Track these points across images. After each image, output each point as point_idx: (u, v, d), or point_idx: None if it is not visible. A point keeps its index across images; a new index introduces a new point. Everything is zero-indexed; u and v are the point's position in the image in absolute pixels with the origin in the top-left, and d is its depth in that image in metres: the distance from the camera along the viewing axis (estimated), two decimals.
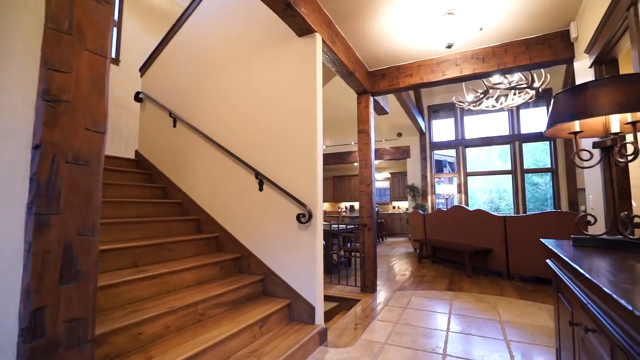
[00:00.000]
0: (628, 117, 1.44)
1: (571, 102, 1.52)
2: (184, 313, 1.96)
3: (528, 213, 6.02)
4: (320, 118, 2.70)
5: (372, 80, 4.02)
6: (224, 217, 2.95)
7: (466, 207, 5.20)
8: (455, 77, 3.60)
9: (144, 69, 3.73)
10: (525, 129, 8.68)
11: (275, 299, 2.54)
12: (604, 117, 1.57)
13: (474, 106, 6.23)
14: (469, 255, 4.59)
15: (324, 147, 11.09)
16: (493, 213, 4.64)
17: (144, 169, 3.57)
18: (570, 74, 7.91)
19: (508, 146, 8.90)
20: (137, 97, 3.66)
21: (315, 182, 2.52)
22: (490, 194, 21.91)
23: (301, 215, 2.46)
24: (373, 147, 4.03)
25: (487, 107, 6.25)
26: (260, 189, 2.75)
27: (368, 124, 3.95)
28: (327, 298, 3.82)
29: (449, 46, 2.91)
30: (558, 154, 8.17)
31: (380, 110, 4.85)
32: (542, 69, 5.53)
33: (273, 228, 2.66)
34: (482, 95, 5.77)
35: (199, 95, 3.30)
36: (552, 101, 1.66)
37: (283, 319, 2.45)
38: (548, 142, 8.41)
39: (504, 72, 3.45)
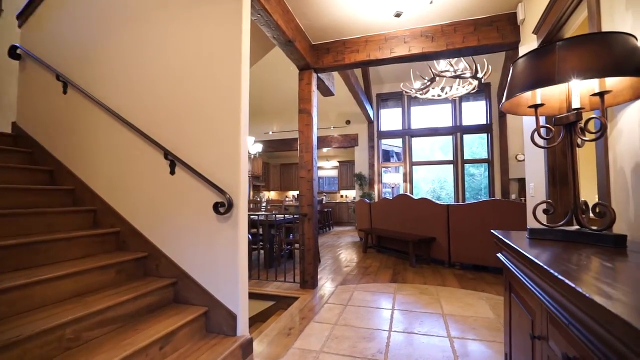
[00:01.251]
0: (595, 87, 1.21)
1: (535, 67, 1.26)
2: (42, 342, 1.41)
3: (468, 202, 6.12)
4: (246, 90, 2.24)
5: (315, 54, 3.62)
6: (127, 207, 2.37)
7: (411, 195, 5.12)
8: (404, 56, 3.34)
9: (23, 15, 2.89)
10: (467, 121, 8.99)
11: (189, 308, 2.07)
12: (566, 89, 1.34)
13: (420, 94, 6.16)
14: (412, 245, 4.49)
15: (270, 132, 10.53)
16: (437, 202, 4.58)
17: (23, 146, 2.80)
18: (507, 70, 8.30)
19: (450, 138, 9.17)
20: (13, 53, 2.83)
21: (237, 166, 2.08)
22: (433, 184, 23.08)
23: (219, 205, 2.01)
24: (315, 129, 3.66)
25: (432, 96, 6.22)
26: (172, 172, 2.23)
27: (310, 103, 3.56)
28: (262, 297, 3.42)
29: (398, 15, 2.61)
30: (494, 146, 8.59)
31: (325, 91, 4.49)
32: (484, 60, 5.60)
33: (187, 220, 2.16)
34: (429, 83, 5.69)
35: (98, 55, 2.62)
36: (510, 70, 1.40)
37: (197, 332, 2.00)
38: (485, 134, 8.80)
39: (453, 53, 3.26)
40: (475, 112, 9.35)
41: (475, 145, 11.18)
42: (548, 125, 1.39)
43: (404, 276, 3.99)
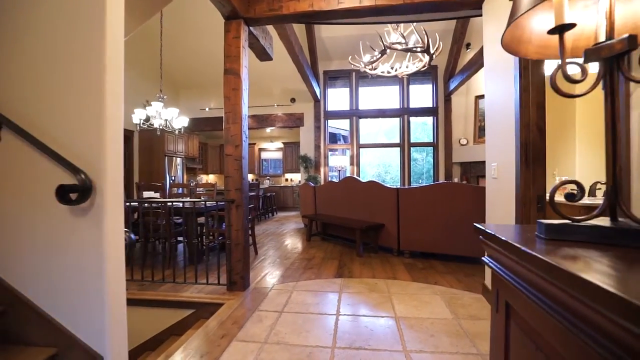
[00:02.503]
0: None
1: None
2: None
3: (418, 185, 5.88)
4: (119, 25, 1.48)
5: (245, 0, 2.87)
6: None
7: (359, 178, 4.69)
8: (354, 9, 2.76)
9: None
10: (414, 103, 8.85)
11: (27, 351, 1.32)
12: (608, 8, 0.86)
13: (370, 69, 5.70)
14: (360, 233, 4.07)
15: (207, 109, 9.41)
16: (386, 185, 4.20)
17: None
18: (453, 54, 8.26)
19: (396, 123, 8.97)
20: None
21: (101, 133, 1.34)
22: (378, 168, 23.50)
23: (68, 189, 1.26)
24: (246, 96, 2.96)
25: (382, 72, 5.80)
26: None
27: (239, 62, 2.84)
28: (178, 305, 2.72)
29: None
30: (439, 130, 8.59)
31: (261, 53, 3.76)
32: (437, 35, 5.27)
33: (19, 214, 1.38)
34: (379, 56, 5.24)
35: None
36: None
37: None
38: (431, 117, 8.75)
39: (410, 8, 2.75)
40: (422, 95, 9.26)
41: (419, 131, 11.21)
42: (576, 62, 0.90)
43: (350, 268, 3.55)
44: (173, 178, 8.13)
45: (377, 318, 2.27)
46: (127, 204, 3.34)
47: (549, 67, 2.52)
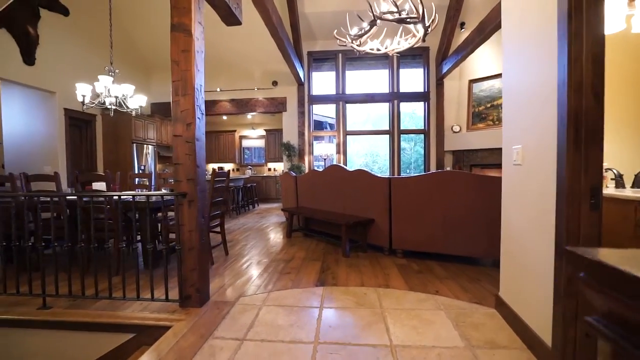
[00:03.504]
0: None
1: None
2: None
3: (412, 174, 5.39)
4: None
5: None
6: None
7: (345, 167, 4.12)
8: None
9: None
10: (404, 88, 8.29)
11: None
12: None
13: (357, 44, 5.09)
14: (346, 229, 3.53)
15: None
16: (376, 174, 3.65)
17: None
18: (446, 34, 7.70)
19: (386, 108, 8.41)
20: None
21: None
22: (366, 158, 23.03)
23: None
24: (200, 60, 2.33)
25: (371, 49, 5.20)
26: None
27: (190, 15, 2.19)
28: (116, 328, 2.12)
29: None
30: (430, 116, 8.08)
31: (227, 15, 3.08)
32: (432, 4, 4.70)
33: None
34: (368, 27, 4.63)
35: None
36: None
37: None
38: (423, 103, 8.23)
39: None
40: (413, 80, 8.71)
41: (407, 120, 10.71)
42: None
43: (335, 273, 3.01)
44: (142, 167, 7.39)
45: (367, 348, 1.74)
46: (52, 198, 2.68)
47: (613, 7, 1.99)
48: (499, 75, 7.03)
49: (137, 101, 4.00)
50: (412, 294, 2.47)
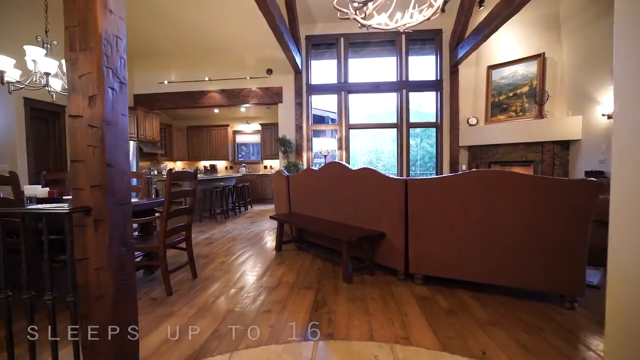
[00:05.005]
0: None
1: None
2: None
3: (442, 175, 4.52)
4: None
5: None
6: None
7: (347, 165, 3.28)
8: None
9: None
10: (414, 77, 7.41)
11: None
12: None
13: (362, 17, 4.24)
14: (349, 247, 2.70)
15: (166, 82, 7.79)
16: (388, 174, 2.80)
17: None
18: (463, 13, 6.81)
19: (393, 100, 7.54)
20: None
21: None
22: (369, 155, 22.09)
23: None
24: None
25: (378, 24, 4.34)
26: None
27: None
28: None
29: None
30: (444, 108, 7.20)
31: None
32: None
33: None
34: None
35: None
36: None
37: None
38: (435, 92, 7.35)
39: None
40: (423, 68, 7.83)
41: (412, 115, 9.83)
42: None
43: (332, 310, 2.18)
44: None
45: None
46: None
47: None
48: (522, 60, 6.15)
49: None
50: (449, 357, 1.64)
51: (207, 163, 9.80)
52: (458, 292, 2.45)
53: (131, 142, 7.02)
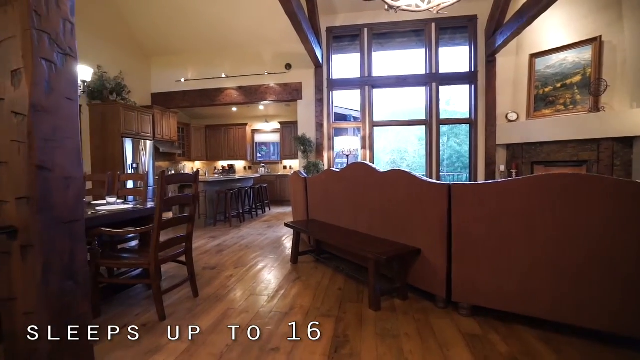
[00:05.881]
0: None
1: None
2: None
3: (495, 180, 3.91)
4: None
5: None
6: None
7: (374, 166, 2.78)
8: None
9: None
10: (445, 69, 6.77)
11: None
12: None
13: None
14: (376, 267, 2.21)
15: (183, 80, 7.56)
16: (424, 178, 2.29)
17: None
18: None
19: (418, 98, 6.94)
20: None
21: None
22: (392, 155, 21.28)
23: None
24: None
25: (408, 5, 3.83)
26: None
27: None
28: None
29: None
30: (479, 102, 6.52)
31: None
32: None
33: None
34: None
35: None
36: None
37: None
38: (468, 85, 6.68)
39: None
40: (455, 59, 7.17)
41: (441, 113, 9.10)
42: None
43: (356, 352, 1.71)
44: (135, 166, 6.40)
45: None
46: None
47: None
48: (572, 46, 5.39)
49: (80, 75, 2.87)
50: None
51: (225, 163, 9.56)
52: (519, 331, 1.90)
53: (147, 142, 6.84)
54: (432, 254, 2.22)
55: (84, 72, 2.90)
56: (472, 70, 6.52)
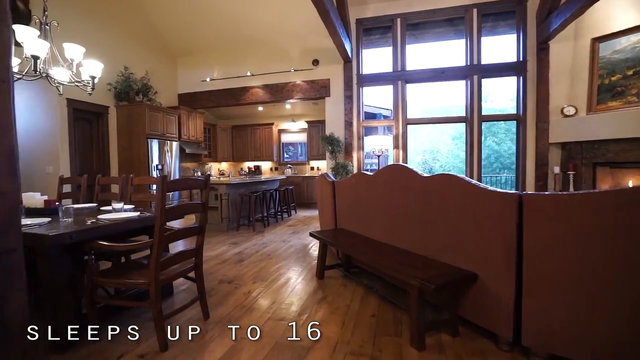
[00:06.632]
0: None
1: None
2: None
3: (581, 191, 3.46)
4: None
5: None
6: None
7: (414, 169, 2.32)
8: None
9: None
10: (487, 59, 6.11)
11: None
12: None
13: None
14: (420, 295, 1.77)
15: (208, 79, 7.43)
16: (484, 185, 1.81)
17: None
18: None
19: (460, 89, 6.32)
20: None
21: None
22: (424, 155, 20.27)
23: None
24: None
25: None
26: None
27: None
28: None
29: None
30: (528, 94, 5.80)
31: None
32: None
33: None
34: None
35: None
36: None
37: None
38: (516, 77, 5.97)
39: None
40: (498, 51, 6.47)
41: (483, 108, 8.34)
42: None
43: None
44: (160, 167, 6.31)
45: None
46: None
47: None
48: None
49: (88, 69, 2.63)
50: None
51: (251, 164, 9.38)
52: None
53: (173, 143, 6.75)
54: (494, 282, 1.74)
55: (94, 67, 2.66)
56: (521, 59, 5.81)
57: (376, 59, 6.88)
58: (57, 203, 2.59)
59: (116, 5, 5.90)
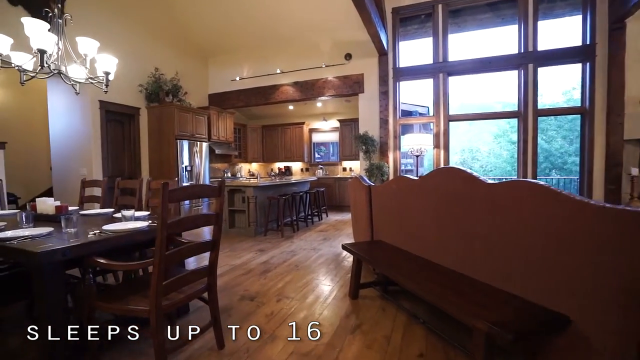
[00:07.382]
0: None
1: None
2: None
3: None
4: None
5: None
6: None
7: (474, 173, 1.85)
8: None
9: None
10: (545, 45, 5.36)
11: None
12: None
13: None
14: (488, 341, 1.32)
15: (237, 79, 7.27)
16: (579, 196, 1.33)
17: None
18: None
19: (512, 80, 5.61)
20: None
21: None
22: (462, 154, 19.01)
23: None
24: None
25: None
26: None
27: None
28: None
29: None
30: (596, 84, 5.00)
31: None
32: None
33: None
34: None
35: None
36: None
37: None
38: (581, 65, 5.18)
39: None
40: (559, 35, 5.67)
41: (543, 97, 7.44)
42: None
43: None
44: (189, 168, 6.22)
45: None
46: None
47: None
48: None
49: (102, 65, 2.43)
50: None
51: (282, 165, 9.15)
52: None
53: (203, 144, 6.65)
54: (597, 329, 1.25)
55: (108, 62, 2.46)
56: (588, 42, 5.02)
57: (413, 52, 6.33)
58: (69, 209, 2.42)
59: (148, 9, 5.88)
